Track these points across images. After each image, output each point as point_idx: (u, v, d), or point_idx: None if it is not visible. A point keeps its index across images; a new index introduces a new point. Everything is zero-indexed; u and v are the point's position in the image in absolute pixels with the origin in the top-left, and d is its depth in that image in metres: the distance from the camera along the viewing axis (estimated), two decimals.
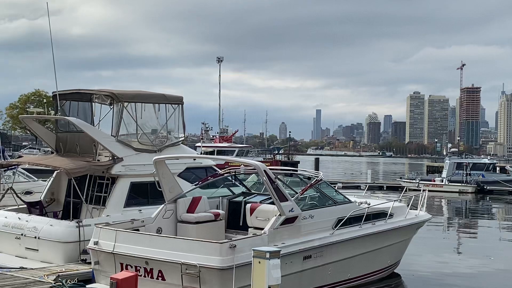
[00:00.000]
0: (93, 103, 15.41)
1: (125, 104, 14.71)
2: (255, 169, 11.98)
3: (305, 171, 14.60)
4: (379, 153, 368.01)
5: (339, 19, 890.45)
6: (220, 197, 13.69)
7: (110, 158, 14.41)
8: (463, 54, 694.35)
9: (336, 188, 14.65)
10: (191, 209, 12.68)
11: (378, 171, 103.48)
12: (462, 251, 21.35)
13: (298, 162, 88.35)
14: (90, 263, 11.70)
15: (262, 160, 67.29)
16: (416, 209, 16.00)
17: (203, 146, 58.64)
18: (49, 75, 16.14)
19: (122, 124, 14.71)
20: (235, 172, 14.01)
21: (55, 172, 15.22)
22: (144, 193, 14.62)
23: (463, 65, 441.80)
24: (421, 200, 16.18)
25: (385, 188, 50.98)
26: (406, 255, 15.90)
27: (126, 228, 11.43)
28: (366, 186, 25.12)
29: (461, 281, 15.61)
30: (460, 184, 50.97)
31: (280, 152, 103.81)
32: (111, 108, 14.96)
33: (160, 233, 11.93)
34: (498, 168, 65.92)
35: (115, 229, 11.18)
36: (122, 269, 10.64)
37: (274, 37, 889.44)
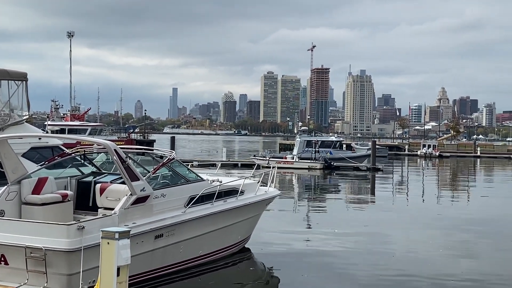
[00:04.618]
0: None
1: None
2: (105, 148, 11.74)
3: (157, 150, 14.53)
4: (234, 131, 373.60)
5: None
6: (69, 177, 13.24)
7: None
8: (315, 36, 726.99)
9: (190, 166, 14.75)
10: (37, 190, 12.14)
11: (233, 149, 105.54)
12: (310, 224, 22.51)
13: (154, 141, 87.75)
14: None
15: (116, 139, 65.91)
16: (267, 186, 16.60)
17: (50, 125, 55.97)
18: None
19: None
20: (84, 151, 13.59)
21: None
22: None
23: (314, 46, 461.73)
24: (270, 176, 16.79)
25: (239, 166, 52.25)
26: (255, 230, 16.49)
27: None
28: (219, 164, 25.53)
29: (306, 252, 16.47)
30: (309, 161, 53.63)
31: (136, 130, 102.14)
32: None
33: (3, 216, 11.32)
34: (344, 146, 70.55)
35: None
36: None
37: (132, 13, 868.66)
